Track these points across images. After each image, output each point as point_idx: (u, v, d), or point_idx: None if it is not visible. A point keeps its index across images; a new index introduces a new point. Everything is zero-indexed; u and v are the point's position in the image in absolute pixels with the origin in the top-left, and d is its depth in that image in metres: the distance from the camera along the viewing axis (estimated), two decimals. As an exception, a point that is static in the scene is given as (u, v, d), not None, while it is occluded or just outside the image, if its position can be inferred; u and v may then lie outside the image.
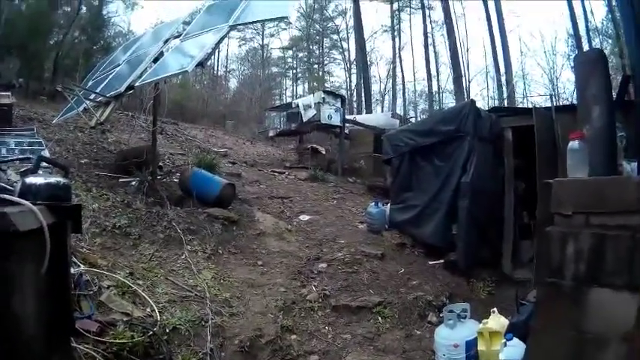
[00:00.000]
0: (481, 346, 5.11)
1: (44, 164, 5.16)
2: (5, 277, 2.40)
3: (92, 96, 9.97)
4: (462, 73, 29.75)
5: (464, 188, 7.88)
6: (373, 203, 9.77)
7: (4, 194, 2.75)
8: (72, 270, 4.46)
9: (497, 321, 5.18)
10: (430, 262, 8.11)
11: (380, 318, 6.39)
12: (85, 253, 5.83)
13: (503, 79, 28.63)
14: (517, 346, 4.35)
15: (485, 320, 5.21)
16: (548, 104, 9.12)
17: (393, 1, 37.10)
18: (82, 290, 4.87)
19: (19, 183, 3.03)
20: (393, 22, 37.84)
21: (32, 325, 2.63)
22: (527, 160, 7.57)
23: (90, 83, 11.78)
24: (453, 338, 5.28)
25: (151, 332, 4.79)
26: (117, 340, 4.44)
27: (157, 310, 5.26)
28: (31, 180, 2.99)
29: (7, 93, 13.14)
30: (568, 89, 25.76)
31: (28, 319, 2.59)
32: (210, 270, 7.10)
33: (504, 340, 4.57)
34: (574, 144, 3.79)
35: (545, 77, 27.99)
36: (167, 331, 5.05)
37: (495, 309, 5.37)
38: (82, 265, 5.26)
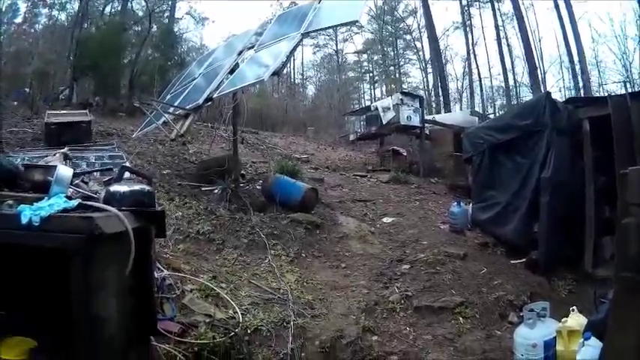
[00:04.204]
0: (559, 346, 4.93)
1: (127, 175, 5.39)
2: (90, 277, 2.54)
3: (171, 109, 10.30)
4: (537, 65, 29.44)
5: (544, 184, 7.66)
6: (455, 203, 9.67)
7: (89, 201, 2.93)
8: (155, 274, 4.64)
9: (576, 320, 4.97)
10: (512, 261, 7.96)
11: (461, 318, 6.30)
12: (169, 259, 6.05)
13: (577, 68, 28.02)
14: (594, 346, 4.13)
15: (564, 319, 5.03)
16: (624, 91, 8.73)
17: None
18: (164, 293, 5.06)
19: (103, 191, 3.20)
20: (463, 18, 37.26)
21: (113, 324, 2.78)
22: (606, 152, 7.27)
23: (167, 97, 12.13)
24: (531, 338, 5.15)
25: (233, 333, 4.91)
26: (198, 341, 4.59)
27: (239, 312, 5.37)
28: (115, 188, 3.18)
29: (85, 111, 13.92)
30: (643, 74, 24.57)
31: (110, 318, 2.73)
32: (293, 273, 7.22)
33: (582, 340, 4.40)
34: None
35: (618, 63, 26.72)
36: (248, 332, 5.15)
37: (575, 307, 5.18)
38: (165, 270, 5.46)
